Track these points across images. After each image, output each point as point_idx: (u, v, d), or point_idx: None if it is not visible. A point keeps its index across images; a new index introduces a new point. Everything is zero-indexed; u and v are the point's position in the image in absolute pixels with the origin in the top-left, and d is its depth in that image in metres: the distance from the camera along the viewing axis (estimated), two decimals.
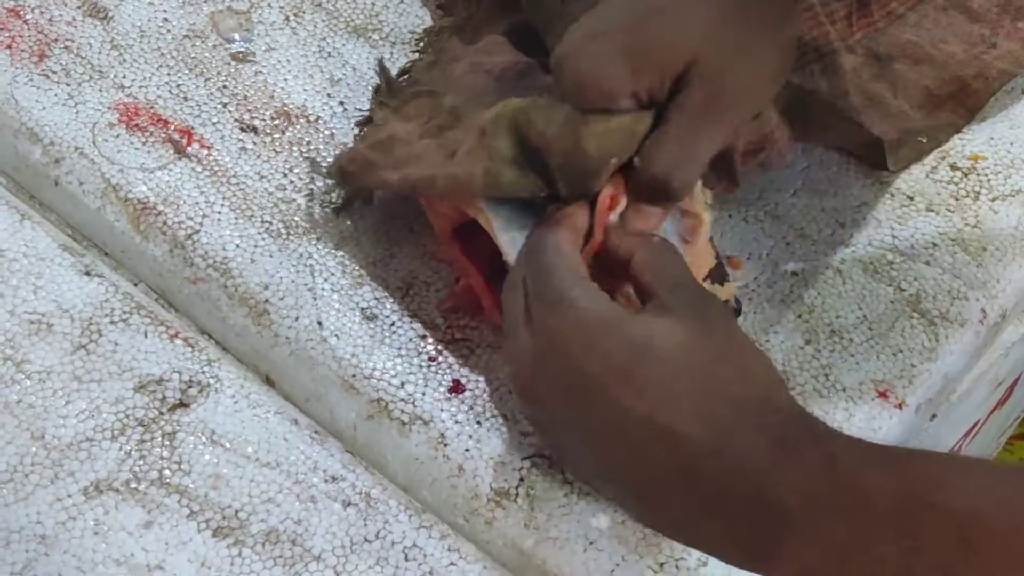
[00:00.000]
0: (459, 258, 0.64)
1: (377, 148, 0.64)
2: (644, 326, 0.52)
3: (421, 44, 0.75)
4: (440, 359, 0.63)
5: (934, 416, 0.68)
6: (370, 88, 0.72)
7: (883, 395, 0.65)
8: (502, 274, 0.63)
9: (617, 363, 0.51)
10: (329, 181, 0.68)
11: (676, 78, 0.56)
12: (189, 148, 0.69)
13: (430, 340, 0.64)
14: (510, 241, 0.59)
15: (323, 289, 0.65)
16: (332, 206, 0.67)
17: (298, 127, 0.71)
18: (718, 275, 0.61)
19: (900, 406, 0.65)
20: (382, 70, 0.71)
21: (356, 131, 0.70)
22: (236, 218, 0.67)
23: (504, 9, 0.73)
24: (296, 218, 0.67)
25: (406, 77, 0.72)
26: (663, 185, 0.57)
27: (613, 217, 0.58)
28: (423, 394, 0.62)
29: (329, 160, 0.69)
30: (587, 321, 0.52)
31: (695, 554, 0.59)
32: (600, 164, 0.57)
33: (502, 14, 0.73)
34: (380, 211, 0.68)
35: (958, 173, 0.73)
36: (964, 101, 0.70)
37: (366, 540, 0.58)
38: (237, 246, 0.66)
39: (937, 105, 0.69)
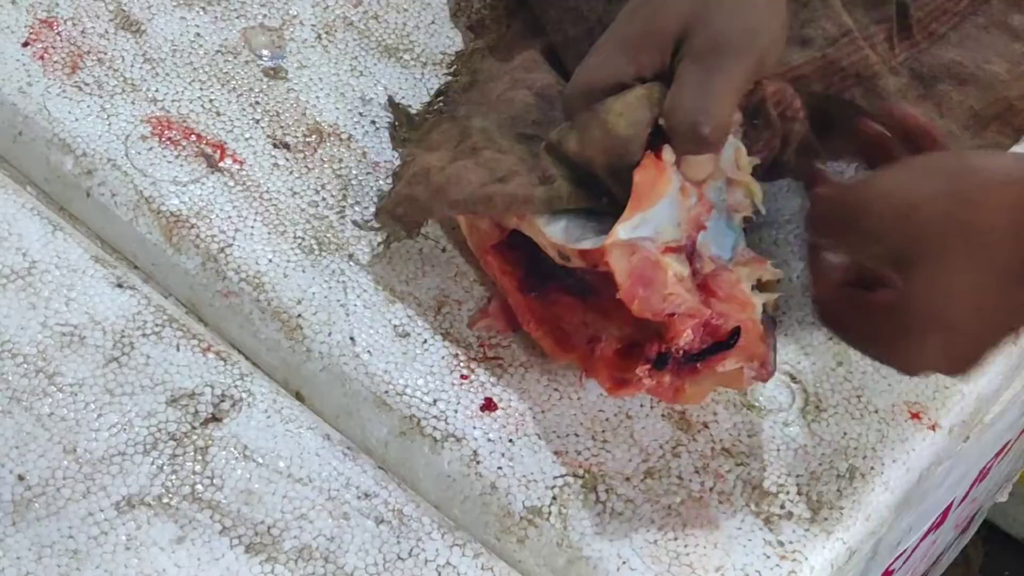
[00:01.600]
0: (496, 273, 0.64)
1: (415, 183, 0.64)
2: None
3: (454, 68, 0.75)
4: (472, 377, 0.63)
5: (967, 438, 0.68)
6: (403, 108, 0.73)
7: (916, 416, 0.65)
8: (536, 287, 0.63)
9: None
10: (377, 227, 0.67)
11: (675, 48, 0.59)
12: (222, 163, 0.69)
13: (462, 358, 0.64)
14: (561, 229, 0.60)
15: (356, 305, 0.65)
16: (378, 243, 0.67)
17: (330, 145, 0.71)
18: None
19: (933, 428, 0.65)
20: (394, 107, 0.72)
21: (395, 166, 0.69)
22: (269, 233, 0.66)
23: (533, 30, 0.74)
24: (328, 235, 0.67)
25: (442, 99, 0.72)
26: (693, 131, 0.57)
27: (668, 156, 0.58)
28: (455, 411, 0.62)
29: (362, 180, 0.69)
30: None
31: (727, 575, 0.59)
32: (634, 137, 0.58)
33: (532, 35, 0.73)
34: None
35: None
36: (1010, 121, 0.70)
37: (399, 558, 0.58)
38: (270, 261, 0.65)
39: (983, 126, 0.69)
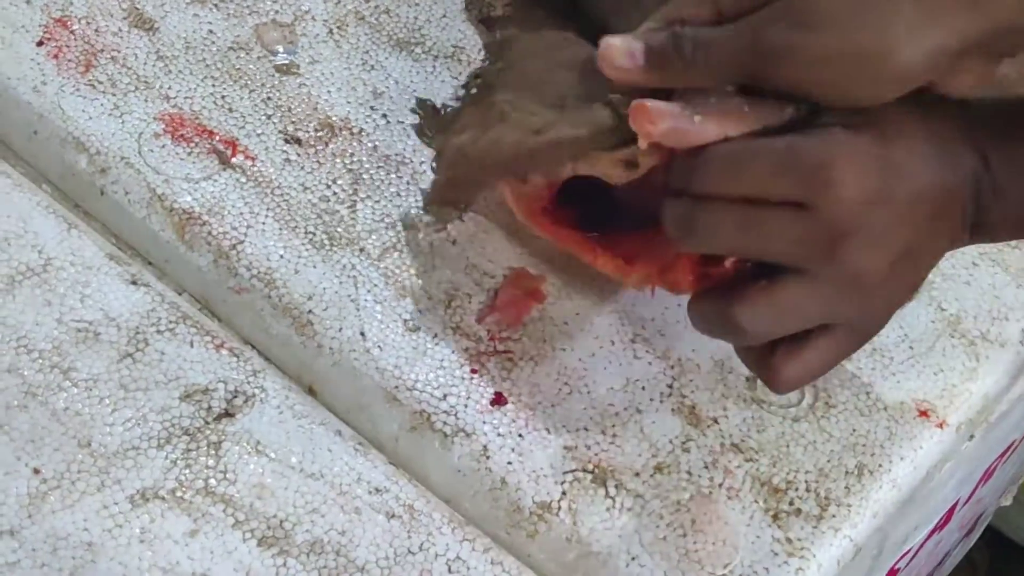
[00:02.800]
0: (551, 231, 0.64)
1: (454, 165, 0.63)
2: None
3: (484, 56, 0.73)
4: (482, 371, 0.64)
5: (972, 436, 0.68)
6: (413, 101, 0.73)
7: (924, 414, 0.65)
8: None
9: None
10: (429, 218, 0.67)
11: None
12: (234, 159, 0.69)
13: (472, 352, 0.64)
14: None
15: (366, 300, 0.65)
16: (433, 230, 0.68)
17: (341, 139, 0.71)
18: None
19: (941, 425, 0.65)
20: (421, 104, 0.71)
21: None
22: (280, 229, 0.67)
23: (558, 21, 0.73)
24: (339, 229, 0.67)
25: (479, 80, 0.70)
26: None
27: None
28: (465, 406, 0.62)
29: (373, 174, 0.70)
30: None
31: (736, 572, 0.59)
32: None
33: (556, 24, 0.72)
34: (422, 223, 0.68)
35: None
36: None
37: (409, 552, 0.58)
38: (281, 256, 0.66)
39: None
